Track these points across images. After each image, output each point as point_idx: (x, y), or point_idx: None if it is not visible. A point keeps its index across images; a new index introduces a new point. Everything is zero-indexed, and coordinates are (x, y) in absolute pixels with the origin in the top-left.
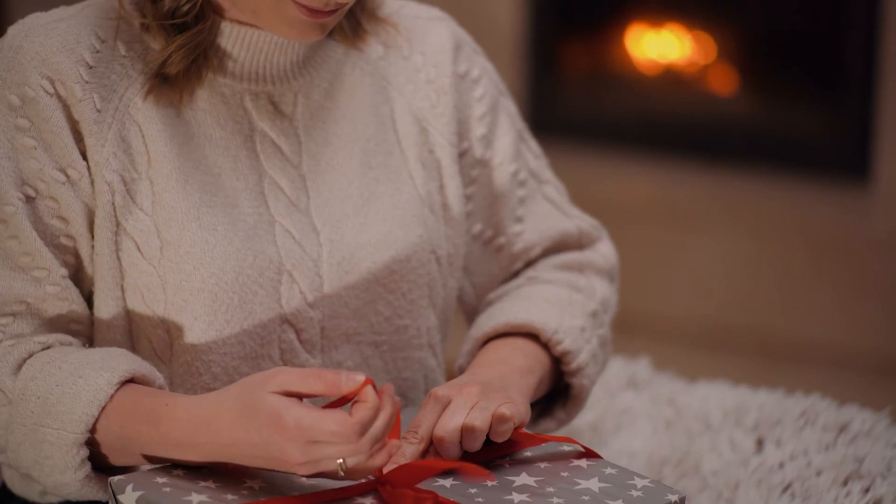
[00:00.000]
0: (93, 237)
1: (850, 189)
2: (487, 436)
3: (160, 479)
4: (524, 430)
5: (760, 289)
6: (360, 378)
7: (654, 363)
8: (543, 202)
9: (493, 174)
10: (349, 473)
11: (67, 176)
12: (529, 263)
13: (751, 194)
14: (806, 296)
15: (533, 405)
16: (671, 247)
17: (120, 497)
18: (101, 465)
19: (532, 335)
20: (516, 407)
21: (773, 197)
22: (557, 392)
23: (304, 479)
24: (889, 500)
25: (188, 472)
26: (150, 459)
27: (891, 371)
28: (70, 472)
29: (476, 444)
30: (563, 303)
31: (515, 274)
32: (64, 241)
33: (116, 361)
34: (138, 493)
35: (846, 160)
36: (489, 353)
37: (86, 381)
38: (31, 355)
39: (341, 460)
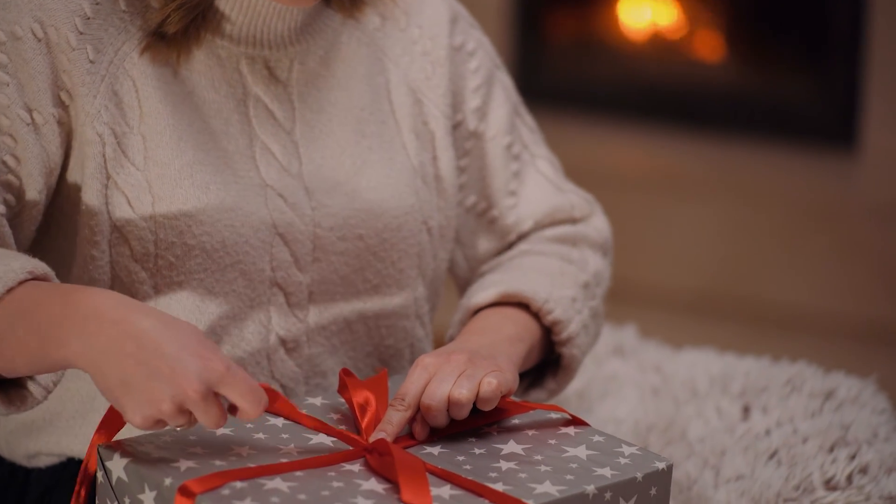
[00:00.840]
0: (46, 185)
1: (838, 156)
2: (475, 404)
3: (148, 446)
4: (512, 398)
5: (747, 256)
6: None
7: (640, 331)
8: (537, 176)
9: (487, 147)
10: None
11: (32, 119)
12: (522, 236)
13: (737, 162)
14: (792, 263)
15: (523, 375)
16: (657, 214)
17: (108, 464)
18: None
19: (523, 305)
20: (503, 375)
21: (760, 164)
22: (548, 363)
23: (291, 447)
24: (875, 467)
25: (175, 438)
26: (26, 352)
27: (877, 338)
28: None
29: (462, 413)
30: (554, 273)
31: (509, 246)
32: (10, 178)
33: (33, 260)
34: (126, 461)
35: (834, 127)
36: (479, 321)
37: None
38: None
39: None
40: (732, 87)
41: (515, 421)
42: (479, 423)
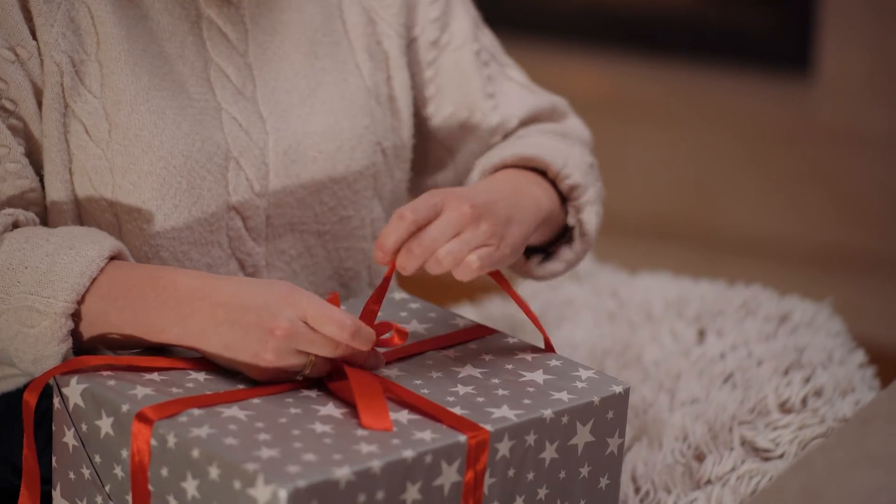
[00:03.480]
0: (41, 119)
1: (794, 81)
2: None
3: (105, 373)
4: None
5: (703, 181)
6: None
7: (596, 255)
8: (509, 82)
9: (455, 56)
10: (310, 375)
11: (17, 55)
12: (509, 135)
13: (694, 87)
14: (748, 188)
15: (534, 251)
16: (613, 139)
17: (64, 390)
18: (75, 343)
19: (539, 171)
20: (495, 253)
21: (717, 89)
22: (558, 239)
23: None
24: (829, 390)
25: (133, 366)
26: (123, 338)
27: (832, 262)
28: (54, 345)
29: (437, 271)
30: (562, 148)
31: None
32: (14, 122)
33: (101, 236)
34: (83, 387)
35: (790, 52)
36: (503, 176)
37: (77, 252)
38: (4, 228)
39: (308, 369)
40: (690, 12)
41: (473, 346)
42: (437, 346)
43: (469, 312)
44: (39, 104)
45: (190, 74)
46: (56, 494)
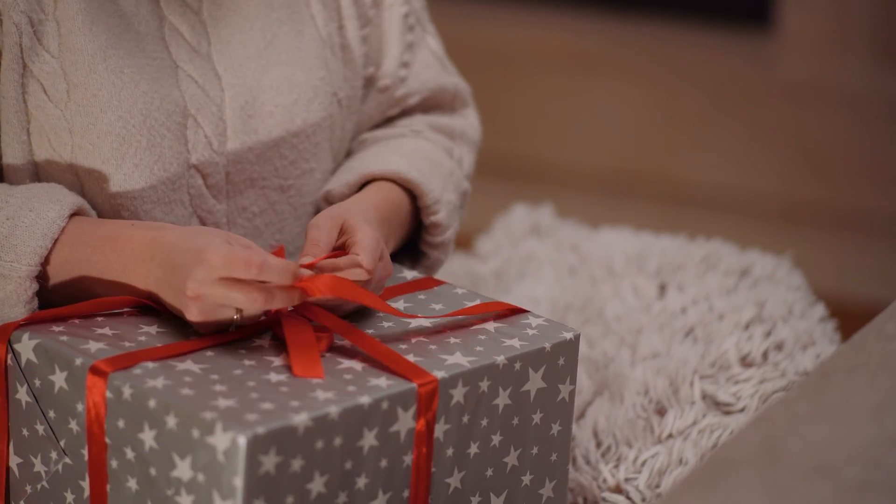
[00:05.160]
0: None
1: (754, 35)
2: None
3: (56, 328)
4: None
5: (663, 135)
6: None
7: (557, 210)
8: (426, 51)
9: (385, 15)
10: (245, 320)
11: None
12: (406, 112)
13: (654, 41)
14: (708, 142)
15: None
16: (574, 94)
17: (16, 346)
18: (43, 300)
19: (410, 192)
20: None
21: (677, 43)
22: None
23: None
24: (790, 344)
25: (84, 319)
26: (88, 296)
27: (792, 216)
28: (20, 307)
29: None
30: (444, 174)
31: (389, 119)
32: None
33: (62, 194)
34: (35, 342)
35: (751, 6)
36: (383, 194)
37: (37, 214)
38: None
39: (237, 316)
40: None
41: (421, 296)
42: (385, 297)
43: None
44: None
45: (146, 33)
46: (10, 451)
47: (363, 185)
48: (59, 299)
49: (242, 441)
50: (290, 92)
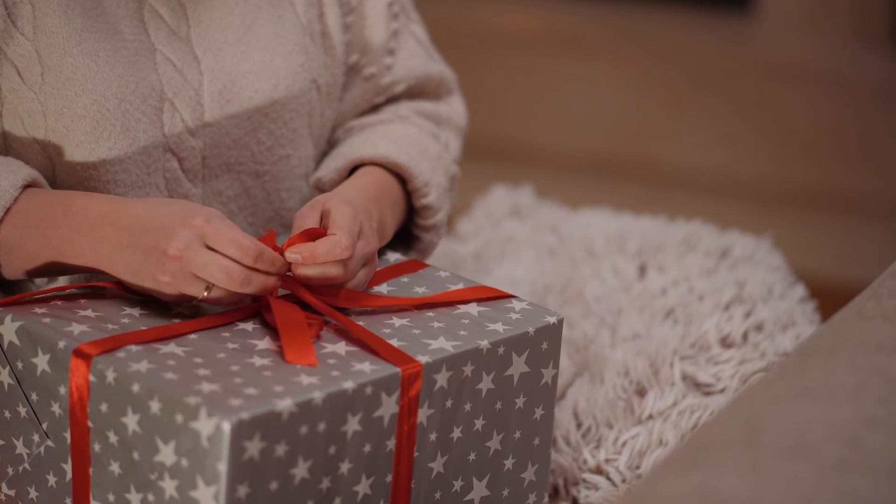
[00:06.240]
0: None
1: (734, 15)
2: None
3: (39, 310)
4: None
5: (643, 117)
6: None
7: (537, 191)
8: (412, 40)
9: (369, 3)
10: (208, 300)
11: None
12: (391, 100)
13: (634, 21)
14: (689, 123)
15: None
16: (553, 75)
17: None
18: None
19: (401, 176)
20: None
21: (657, 24)
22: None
23: (184, 308)
24: (770, 324)
25: (67, 301)
26: (42, 266)
27: (772, 197)
28: None
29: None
30: (433, 158)
31: (375, 107)
32: None
33: (16, 165)
34: (17, 324)
35: None
36: (372, 177)
37: None
38: None
39: (206, 292)
40: None
41: (404, 280)
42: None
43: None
44: None
45: (124, 16)
46: None
47: (353, 170)
48: (9, 271)
49: (227, 427)
50: (268, 77)
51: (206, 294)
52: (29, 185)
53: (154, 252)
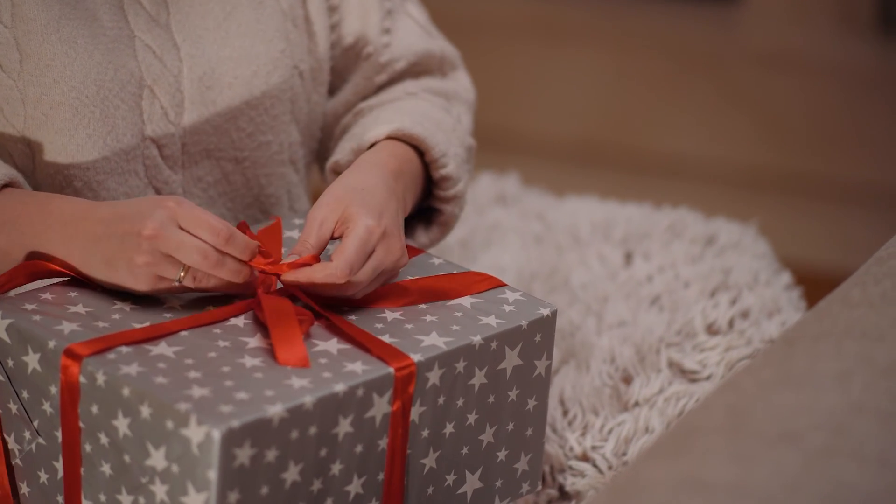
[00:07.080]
0: None
1: (721, 3)
2: None
3: (29, 306)
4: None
5: (629, 103)
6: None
7: (522, 178)
8: (407, 19)
9: None
10: (184, 285)
11: None
12: (394, 79)
13: (620, 8)
14: (674, 110)
15: None
16: (539, 62)
17: None
18: None
19: (417, 148)
20: (398, 267)
21: (643, 11)
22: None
23: (174, 302)
24: (756, 311)
25: (56, 297)
26: (9, 263)
27: (758, 184)
28: None
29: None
30: (447, 129)
31: (378, 87)
32: None
33: None
34: (7, 322)
35: None
36: (390, 150)
37: None
38: None
39: (182, 273)
40: None
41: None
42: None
43: None
44: None
45: (103, 3)
46: None
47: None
48: None
49: (217, 435)
50: (248, 64)
51: (182, 275)
52: (7, 185)
53: (130, 236)
